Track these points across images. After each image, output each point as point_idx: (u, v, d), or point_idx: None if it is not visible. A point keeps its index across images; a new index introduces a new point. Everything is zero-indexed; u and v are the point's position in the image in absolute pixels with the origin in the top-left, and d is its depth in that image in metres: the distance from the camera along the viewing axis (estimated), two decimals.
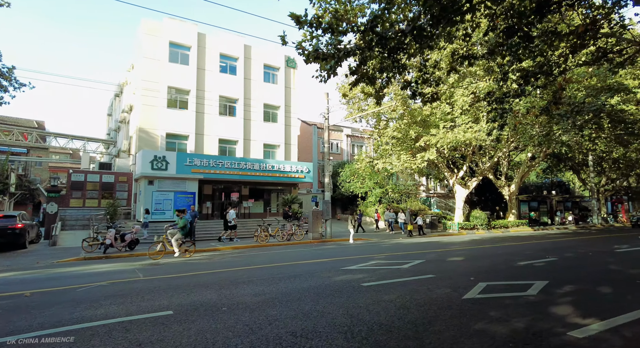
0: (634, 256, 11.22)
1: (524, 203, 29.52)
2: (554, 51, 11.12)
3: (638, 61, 12.59)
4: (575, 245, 14.46)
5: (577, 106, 16.35)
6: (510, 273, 8.26)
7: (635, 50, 10.23)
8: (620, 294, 6.31)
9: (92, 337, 4.20)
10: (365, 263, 9.65)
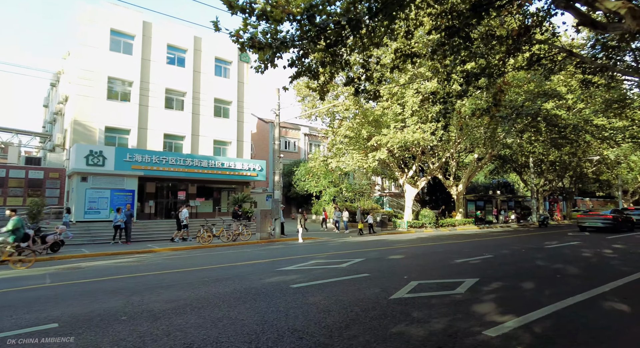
0: (560, 252, 11.84)
1: (471, 202, 30.82)
2: (494, 55, 11.44)
3: (568, 68, 13.37)
4: (512, 242, 15.11)
5: (517, 109, 17.16)
6: (444, 271, 8.29)
7: (563, 56, 10.75)
8: (540, 289, 6.45)
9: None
10: (305, 263, 9.32)
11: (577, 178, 40.64)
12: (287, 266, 8.79)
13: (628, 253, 11.67)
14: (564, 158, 31.25)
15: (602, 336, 4.21)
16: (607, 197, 55.91)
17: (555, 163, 34.35)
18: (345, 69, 9.57)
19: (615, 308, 5.38)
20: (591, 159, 34.31)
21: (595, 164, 36.67)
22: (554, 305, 5.41)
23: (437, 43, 10.53)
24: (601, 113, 19.72)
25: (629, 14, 5.00)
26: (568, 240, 16.12)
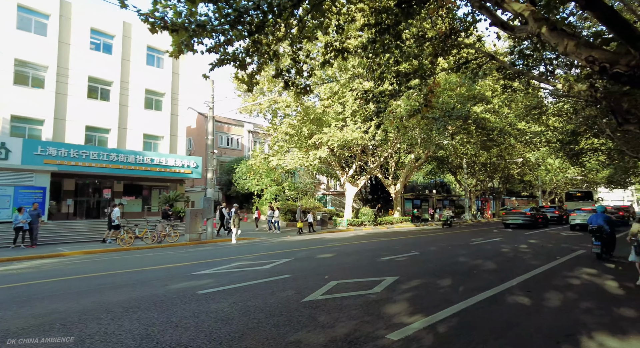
0: (482, 248, 12.42)
1: (409, 200, 31.96)
2: (426, 56, 11.64)
3: (493, 74, 14.13)
4: (442, 239, 15.67)
5: (448, 111, 17.89)
6: (368, 269, 8.16)
7: (486, 60, 11.26)
8: (455, 286, 6.50)
9: None
10: (226, 266, 8.71)
11: (505, 179, 43.98)
12: (204, 270, 8.12)
13: (539, 247, 12.57)
14: (493, 160, 33.56)
15: (499, 331, 4.20)
16: (530, 196, 61.26)
17: (486, 164, 36.83)
18: (273, 61, 9.11)
19: (518, 302, 5.51)
20: (516, 162, 37.30)
21: (520, 166, 39.96)
22: (464, 302, 5.41)
23: (368, 40, 10.47)
24: (522, 118, 21.31)
25: (531, 16, 5.09)
26: (492, 236, 17.13)
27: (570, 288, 6.48)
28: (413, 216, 30.96)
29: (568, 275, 7.59)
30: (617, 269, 8.44)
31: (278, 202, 26.38)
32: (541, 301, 5.52)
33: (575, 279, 7.24)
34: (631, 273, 7.62)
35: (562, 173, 46.79)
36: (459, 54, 12.30)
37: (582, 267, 8.58)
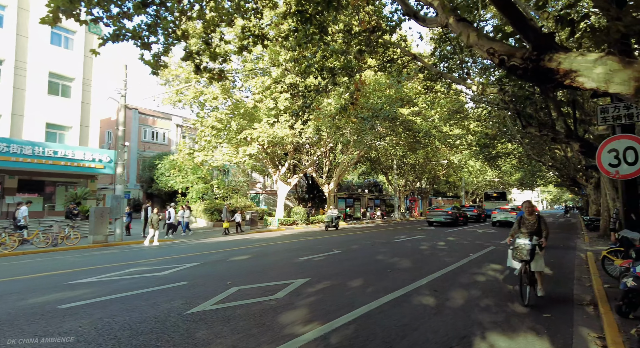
0: (403, 245, 12.58)
1: (342, 199, 32.28)
2: (352, 52, 11.42)
3: (418, 76, 14.53)
4: (367, 237, 15.73)
5: (377, 111, 18.11)
6: (280, 271, 7.62)
7: (410, 60, 11.39)
8: (365, 287, 6.21)
9: None
10: (117, 272, 7.56)
11: (432, 180, 46.63)
12: (87, 278, 6.93)
13: (455, 244, 13.09)
14: (421, 161, 35.23)
15: (396, 338, 3.88)
16: (455, 196, 65.89)
17: (415, 165, 38.67)
18: (181, 41, 8.18)
19: (423, 302, 5.33)
20: (442, 163, 39.67)
21: (445, 168, 42.62)
22: (368, 305, 5.08)
23: (290, 29, 9.95)
24: (446, 122, 22.49)
25: (440, 6, 4.89)
26: (415, 234, 17.67)
27: (475, 285, 6.53)
28: (346, 215, 31.30)
29: (476, 272, 7.76)
30: None
31: (205, 201, 24.87)
32: (445, 301, 5.41)
33: (481, 275, 7.40)
34: None
35: (481, 174, 50.77)
36: (385, 53, 12.34)
37: (490, 263, 8.91)
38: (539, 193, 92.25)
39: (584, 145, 8.78)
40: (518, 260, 5.37)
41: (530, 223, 5.76)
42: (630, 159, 5.79)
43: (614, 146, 5.97)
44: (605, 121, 6.08)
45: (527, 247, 5.20)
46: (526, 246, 5.22)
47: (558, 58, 3.80)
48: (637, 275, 4.24)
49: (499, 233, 18.62)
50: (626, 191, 5.89)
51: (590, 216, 19.02)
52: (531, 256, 5.22)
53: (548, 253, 10.71)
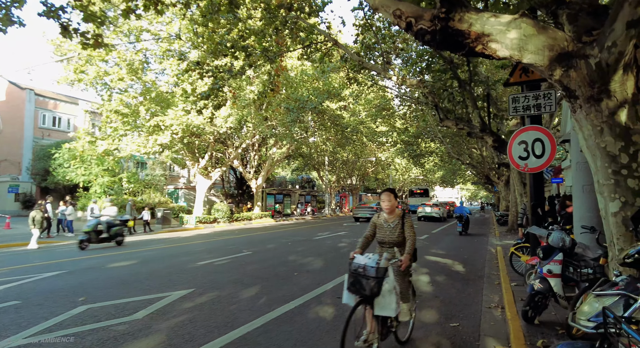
0: (322, 243, 11.87)
1: (271, 196, 31.08)
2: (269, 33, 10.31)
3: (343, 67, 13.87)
4: (288, 235, 14.81)
5: (303, 102, 17.25)
6: (162, 281, 6.28)
7: (331, 45, 10.65)
8: (259, 297, 5.20)
9: None
10: None
11: (362, 176, 47.47)
12: None
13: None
14: (350, 157, 35.41)
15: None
16: None
17: (346, 162, 38.91)
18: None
19: (320, 315, 4.47)
20: (370, 160, 40.45)
21: (374, 165, 43.61)
22: (251, 324, 4.08)
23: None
24: (374, 118, 22.49)
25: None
26: (340, 230, 17.20)
27: None
28: (275, 212, 30.20)
29: None
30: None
31: (111, 196, 21.94)
32: (345, 312, 4.61)
33: None
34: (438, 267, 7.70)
35: (407, 172, 53.07)
36: (308, 37, 11.45)
37: None
38: (458, 190, 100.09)
39: (497, 140, 8.75)
40: (352, 293, 3.04)
41: (390, 226, 3.48)
42: (537, 151, 5.56)
43: (523, 137, 5.70)
44: (516, 111, 5.81)
45: (369, 272, 2.91)
46: (367, 270, 2.93)
47: (469, 19, 3.14)
48: (544, 276, 3.81)
49: (420, 228, 18.98)
50: (534, 185, 5.67)
51: (501, 212, 20.34)
52: (375, 288, 2.86)
53: (462, 249, 10.79)
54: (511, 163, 5.82)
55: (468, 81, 8.94)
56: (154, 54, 19.62)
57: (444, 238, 14.14)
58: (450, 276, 6.95)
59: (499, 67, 10.82)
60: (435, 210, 25.21)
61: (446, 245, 12.07)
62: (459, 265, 8.18)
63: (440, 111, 9.37)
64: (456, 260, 8.97)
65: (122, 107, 17.65)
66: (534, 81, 5.73)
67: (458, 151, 25.33)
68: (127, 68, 17.25)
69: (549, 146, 5.44)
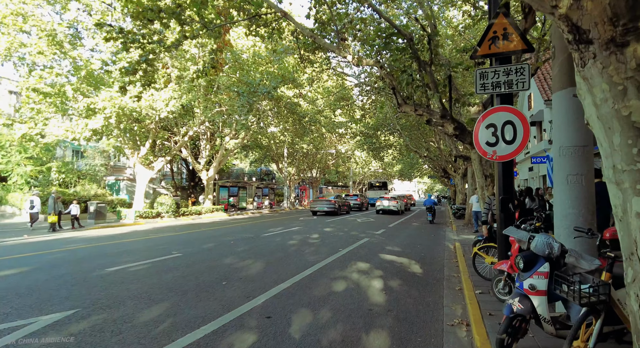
0: (271, 241, 10.70)
1: (225, 188, 29.20)
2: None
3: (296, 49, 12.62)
4: (235, 231, 13.46)
5: (253, 86, 15.81)
6: (43, 297, 4.81)
7: (280, 16, 9.38)
8: (160, 320, 3.94)
9: None
10: None
11: (322, 169, 46.59)
12: None
13: (329, 236, 11.77)
14: (310, 149, 34.35)
15: None
16: (345, 186, 68.03)
17: (307, 154, 37.81)
18: None
19: (235, 345, 3.32)
20: (331, 153, 39.67)
21: (334, 157, 42.88)
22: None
23: None
24: (331, 107, 21.52)
25: None
26: (294, 225, 16.08)
27: (328, 300, 4.85)
28: (229, 205, 28.50)
29: (337, 276, 6.20)
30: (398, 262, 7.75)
31: (37, 188, 19.30)
32: (271, 340, 3.50)
33: (342, 282, 5.84)
34: (397, 268, 6.85)
35: (367, 165, 53.03)
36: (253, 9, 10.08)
37: (357, 261, 7.55)
38: (416, 183, 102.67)
39: (458, 127, 7.98)
40: None
41: None
42: (508, 136, 4.73)
43: (492, 120, 4.85)
44: (484, 89, 4.93)
45: None
46: None
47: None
48: (525, 292, 2.90)
49: (377, 221, 18.35)
50: (503, 176, 4.84)
51: (457, 205, 20.23)
52: None
53: (419, 246, 10.07)
54: (477, 150, 4.97)
55: (429, 61, 8.08)
56: (86, 28, 17.23)
57: (400, 233, 13.50)
58: (407, 280, 6.07)
59: (460, 50, 10.12)
60: (393, 203, 24.82)
61: (403, 240, 11.37)
62: (416, 265, 7.36)
63: (398, 95, 8.47)
64: (413, 258, 8.18)
65: (44, 85, 15.24)
66: (504, 53, 4.87)
67: (416, 144, 25.08)
68: (48, 40, 14.87)
69: (522, 129, 4.62)
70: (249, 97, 15.37)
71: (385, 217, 21.89)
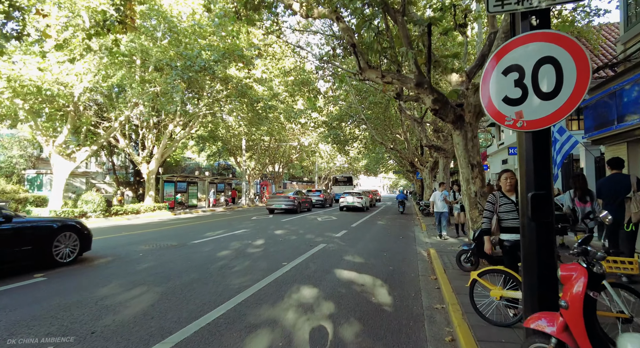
0: (195, 251, 8.24)
1: (170, 183, 25.95)
2: None
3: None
4: (165, 236, 10.83)
5: (190, 59, 13.12)
6: None
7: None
8: None
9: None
10: None
11: (285, 163, 44.05)
12: None
13: (277, 243, 9.48)
14: (270, 142, 31.82)
15: None
16: (311, 181, 65.91)
17: (269, 147, 35.23)
18: None
19: None
20: (294, 146, 37.31)
21: (298, 151, 40.53)
22: None
23: None
24: (289, 92, 19.15)
25: None
26: (241, 226, 13.63)
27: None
28: (175, 203, 25.41)
29: (260, 321, 3.92)
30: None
31: None
32: None
33: (265, 335, 3.58)
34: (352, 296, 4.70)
35: (332, 160, 51.18)
36: None
37: (302, 286, 5.32)
38: (381, 178, 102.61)
39: (438, 99, 5.94)
40: None
41: None
42: (546, 84, 2.66)
43: (515, 59, 2.71)
44: (502, 6, 2.85)
45: None
46: None
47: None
48: None
49: (339, 220, 16.30)
50: (535, 159, 2.78)
51: (425, 201, 18.58)
52: None
53: (386, 254, 8.00)
54: (488, 114, 2.87)
55: (400, 9, 5.96)
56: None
57: (364, 234, 11.46)
58: (370, 324, 3.91)
59: (437, 9, 8.10)
60: (358, 200, 22.91)
61: (367, 245, 9.31)
62: (383, 289, 5.26)
63: (361, 56, 6.29)
64: (379, 274, 6.09)
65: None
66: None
67: (382, 136, 23.31)
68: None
69: (572, 71, 2.58)
70: (184, 72, 12.65)
71: (349, 215, 19.93)
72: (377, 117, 23.06)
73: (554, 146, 8.56)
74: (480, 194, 6.33)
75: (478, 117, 6.33)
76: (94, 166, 37.02)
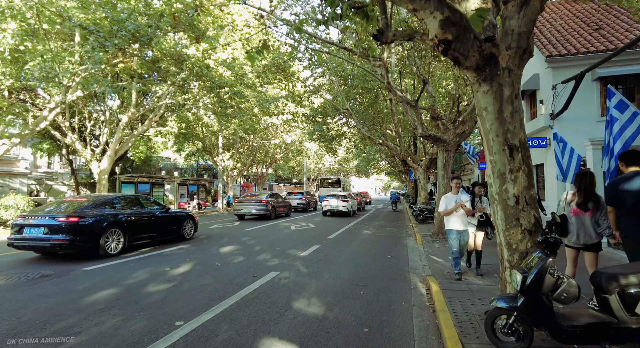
0: (62, 288, 5.25)
1: (130, 185, 22.71)
2: None
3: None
4: (54, 259, 7.81)
5: (117, 23, 10.09)
6: None
7: None
8: None
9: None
10: None
11: (270, 163, 40.95)
12: None
13: (208, 268, 6.50)
14: (249, 139, 28.88)
15: None
16: (300, 183, 62.77)
17: (251, 146, 32.32)
18: None
19: None
20: (276, 143, 34.35)
21: (283, 150, 37.53)
22: None
23: None
24: (261, 78, 16.20)
25: None
26: (182, 241, 10.61)
27: None
28: None
29: None
30: None
31: None
32: None
33: None
34: None
35: (320, 160, 48.33)
36: None
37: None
38: (374, 180, 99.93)
39: (453, 20, 3.09)
40: None
41: None
42: None
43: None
44: None
45: None
46: None
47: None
48: None
49: (316, 229, 13.36)
50: None
51: (420, 205, 15.73)
52: None
53: (364, 292, 4.96)
54: None
55: None
56: None
57: (341, 253, 8.51)
58: None
59: None
60: (343, 204, 19.97)
61: (339, 272, 6.38)
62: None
63: None
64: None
65: None
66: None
67: (370, 127, 20.50)
68: None
69: None
70: (108, 38, 9.63)
71: (331, 221, 17.01)
72: (365, 110, 20.26)
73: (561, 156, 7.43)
74: (527, 201, 3.48)
75: (523, 59, 3.49)
76: (58, 166, 33.87)
